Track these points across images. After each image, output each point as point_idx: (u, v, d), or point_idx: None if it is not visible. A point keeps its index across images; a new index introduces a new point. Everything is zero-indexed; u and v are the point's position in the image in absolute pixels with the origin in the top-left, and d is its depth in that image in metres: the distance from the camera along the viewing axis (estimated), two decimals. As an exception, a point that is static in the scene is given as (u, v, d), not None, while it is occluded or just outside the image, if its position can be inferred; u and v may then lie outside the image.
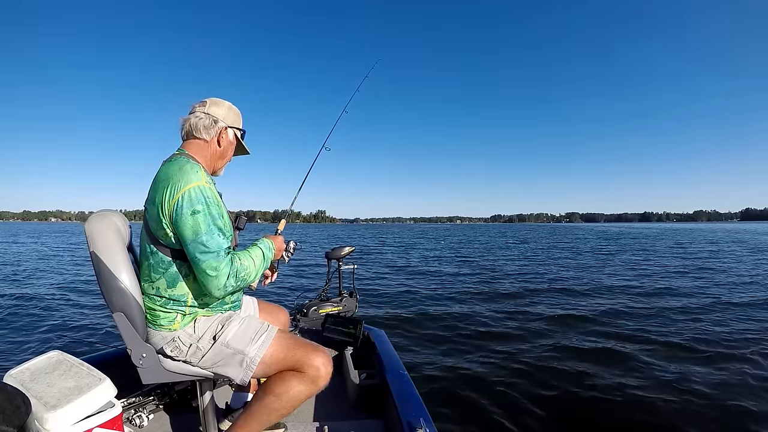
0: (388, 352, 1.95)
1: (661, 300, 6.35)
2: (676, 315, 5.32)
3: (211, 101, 1.36)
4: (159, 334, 1.24)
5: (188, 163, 1.22)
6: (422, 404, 1.43)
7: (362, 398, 1.82)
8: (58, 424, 0.98)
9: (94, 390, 1.08)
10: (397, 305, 6.10)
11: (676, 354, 3.80)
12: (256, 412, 1.27)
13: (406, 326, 4.85)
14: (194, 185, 1.15)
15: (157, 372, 1.27)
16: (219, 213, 1.20)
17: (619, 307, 5.84)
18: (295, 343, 1.29)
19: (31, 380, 1.09)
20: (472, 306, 6.04)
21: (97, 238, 1.21)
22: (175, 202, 1.13)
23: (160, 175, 1.21)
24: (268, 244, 1.41)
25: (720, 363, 3.54)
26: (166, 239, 1.19)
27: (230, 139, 1.40)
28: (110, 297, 1.19)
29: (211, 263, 1.14)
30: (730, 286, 7.66)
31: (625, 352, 3.81)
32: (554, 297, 6.74)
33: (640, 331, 4.54)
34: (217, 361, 1.25)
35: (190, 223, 1.13)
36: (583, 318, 5.18)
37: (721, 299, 6.33)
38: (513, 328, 4.77)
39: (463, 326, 4.85)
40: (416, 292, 7.31)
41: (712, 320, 5.03)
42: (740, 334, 4.40)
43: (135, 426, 1.62)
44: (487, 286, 7.98)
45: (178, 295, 1.23)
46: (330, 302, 2.69)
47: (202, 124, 1.32)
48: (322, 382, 1.25)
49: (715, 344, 4.05)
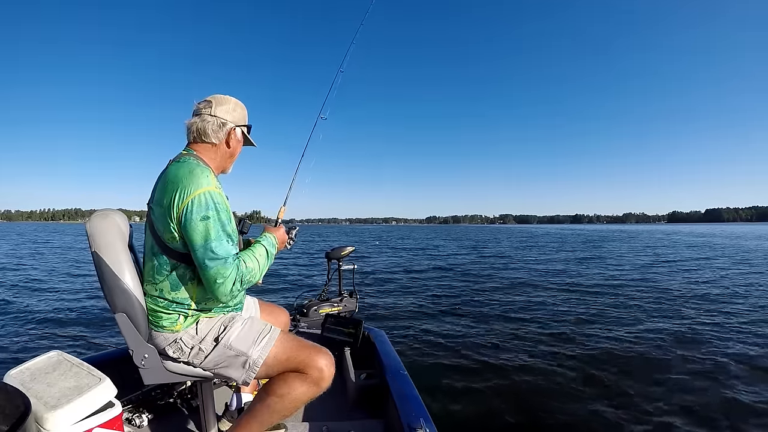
0: (388, 352, 1.94)
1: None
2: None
3: (216, 101, 1.31)
4: (161, 336, 1.23)
5: (198, 166, 1.19)
6: (422, 404, 1.43)
7: (362, 398, 1.82)
8: (58, 424, 0.98)
9: (94, 390, 1.07)
10: (396, 305, 6.10)
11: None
12: (258, 412, 1.26)
13: (407, 326, 4.85)
14: (204, 190, 1.14)
15: (159, 373, 1.26)
16: (228, 218, 1.19)
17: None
18: (298, 345, 1.28)
19: (31, 380, 1.09)
20: (473, 305, 6.05)
21: (99, 237, 1.19)
22: (185, 207, 1.11)
23: (168, 176, 1.18)
24: (271, 239, 1.40)
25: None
26: (173, 242, 1.17)
27: (238, 138, 1.37)
28: (112, 297, 1.18)
29: (220, 270, 1.13)
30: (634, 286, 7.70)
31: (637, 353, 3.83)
32: (553, 297, 6.75)
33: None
34: (219, 363, 1.24)
35: (199, 229, 1.12)
36: (596, 319, 5.18)
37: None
38: (513, 327, 4.77)
39: (464, 326, 4.85)
40: (413, 292, 7.31)
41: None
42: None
43: (135, 426, 1.62)
44: (488, 285, 8.00)
45: (181, 298, 1.22)
46: (330, 302, 2.70)
47: (210, 128, 1.28)
48: (324, 384, 1.24)
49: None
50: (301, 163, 1.89)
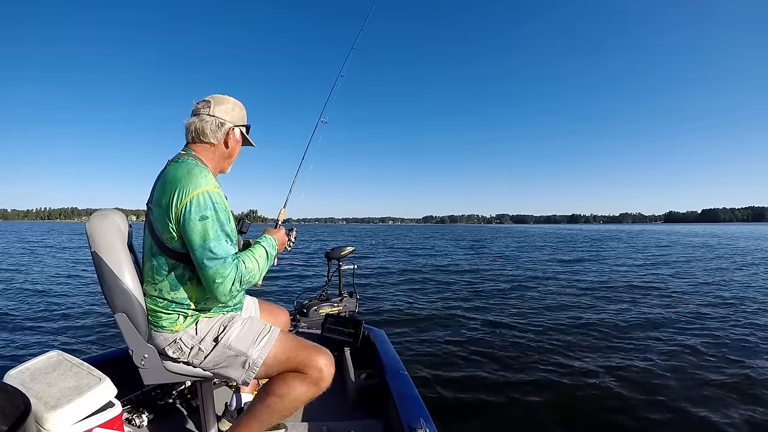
0: (388, 352, 1.95)
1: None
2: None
3: (215, 101, 1.31)
4: (161, 336, 1.23)
5: (197, 166, 1.20)
6: (422, 404, 1.43)
7: (362, 398, 1.82)
8: (58, 424, 0.98)
9: (94, 390, 1.08)
10: (396, 305, 6.10)
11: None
12: (258, 412, 1.26)
13: (407, 326, 4.85)
14: (203, 190, 1.14)
15: (159, 373, 1.26)
16: (227, 218, 1.20)
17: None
18: (298, 345, 1.29)
19: (31, 380, 1.09)
20: (473, 305, 6.05)
21: (99, 237, 1.19)
22: (184, 207, 1.12)
23: (167, 176, 1.18)
24: (271, 241, 1.40)
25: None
26: (172, 242, 1.18)
27: (237, 138, 1.37)
28: (112, 297, 1.18)
29: (219, 270, 1.13)
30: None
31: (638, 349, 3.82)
32: (553, 296, 6.75)
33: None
34: (219, 363, 1.24)
35: (198, 229, 1.12)
36: (596, 319, 5.18)
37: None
38: (513, 327, 4.76)
39: (463, 326, 4.85)
40: (413, 292, 7.31)
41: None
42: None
43: (135, 426, 1.62)
44: (481, 285, 8.00)
45: (180, 298, 1.22)
46: (330, 302, 2.70)
47: (208, 128, 1.29)
48: (324, 384, 1.24)
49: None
50: (301, 165, 1.92)
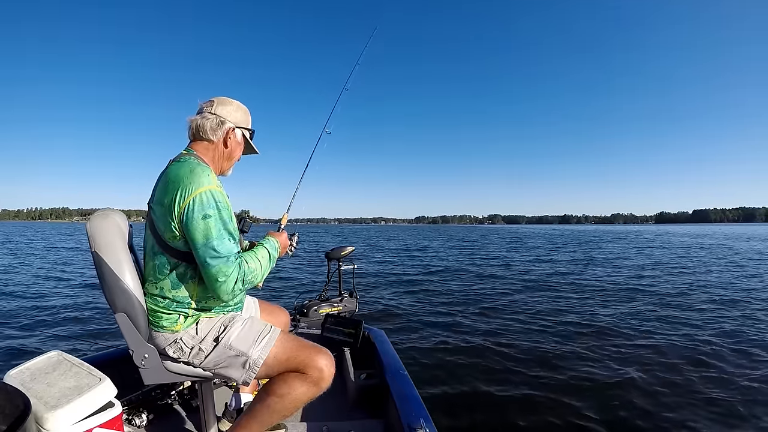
0: (388, 352, 1.95)
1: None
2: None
3: (219, 101, 1.33)
4: (161, 336, 1.23)
5: (199, 165, 1.20)
6: (422, 404, 1.43)
7: (362, 398, 1.82)
8: (58, 424, 0.98)
9: (94, 390, 1.08)
10: (396, 305, 6.10)
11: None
12: (258, 412, 1.26)
13: (407, 326, 4.85)
14: (205, 189, 1.14)
15: (159, 373, 1.26)
16: (229, 217, 1.20)
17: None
18: (299, 345, 1.29)
19: (31, 380, 1.09)
20: (472, 305, 6.04)
21: (99, 237, 1.19)
22: (186, 205, 1.12)
23: (169, 176, 1.18)
24: (274, 243, 1.41)
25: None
26: (174, 241, 1.18)
27: (238, 140, 1.37)
28: (112, 297, 1.18)
29: (221, 268, 1.14)
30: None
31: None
32: (553, 296, 6.74)
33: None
34: (219, 363, 1.24)
35: (201, 228, 1.12)
36: (597, 319, 5.18)
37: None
38: (513, 326, 4.77)
39: (463, 326, 4.85)
40: (413, 292, 7.31)
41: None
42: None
43: (135, 426, 1.62)
44: (481, 285, 8.00)
45: (181, 297, 1.22)
46: (330, 302, 2.70)
47: (208, 125, 1.29)
48: (324, 384, 1.25)
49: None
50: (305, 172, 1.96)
